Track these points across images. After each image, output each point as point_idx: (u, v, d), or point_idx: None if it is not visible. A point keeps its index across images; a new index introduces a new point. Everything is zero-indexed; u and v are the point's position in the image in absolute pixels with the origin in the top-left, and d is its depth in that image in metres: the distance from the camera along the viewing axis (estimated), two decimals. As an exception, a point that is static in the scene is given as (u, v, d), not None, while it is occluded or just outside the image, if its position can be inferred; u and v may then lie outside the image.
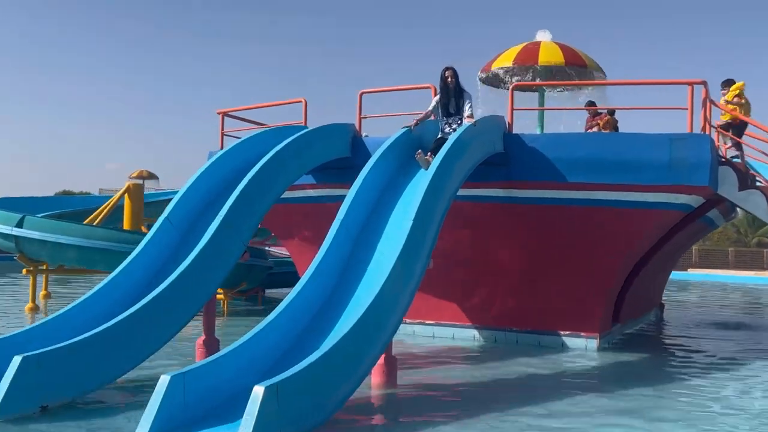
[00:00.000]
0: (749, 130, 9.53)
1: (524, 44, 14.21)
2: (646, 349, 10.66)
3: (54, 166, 79.51)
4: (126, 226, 14.30)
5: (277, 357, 6.21)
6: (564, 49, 13.77)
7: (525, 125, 11.03)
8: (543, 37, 14.43)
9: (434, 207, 7.36)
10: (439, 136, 8.78)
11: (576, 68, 13.65)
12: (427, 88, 9.86)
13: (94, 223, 13.74)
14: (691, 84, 8.98)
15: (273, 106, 11.43)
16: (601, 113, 11.38)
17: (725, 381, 8.23)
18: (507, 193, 9.43)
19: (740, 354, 10.18)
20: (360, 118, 10.22)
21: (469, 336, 10.59)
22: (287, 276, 14.06)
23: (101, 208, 14.44)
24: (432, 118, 9.06)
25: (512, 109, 9.50)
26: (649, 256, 11.20)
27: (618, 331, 11.24)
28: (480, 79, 14.34)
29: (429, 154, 8.21)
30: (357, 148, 9.86)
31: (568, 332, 10.09)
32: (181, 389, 5.28)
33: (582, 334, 10.00)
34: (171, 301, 7.07)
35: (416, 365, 8.62)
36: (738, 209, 13.76)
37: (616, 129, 10.91)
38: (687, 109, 8.95)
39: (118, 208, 15.01)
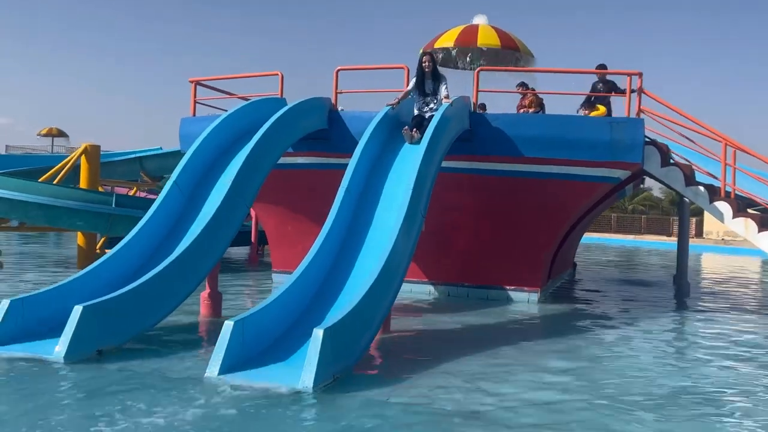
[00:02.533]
0: (677, 118, 10.76)
1: (463, 26, 15.05)
2: (570, 300, 12.06)
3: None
4: (82, 185, 14.20)
5: (305, 307, 6.83)
6: (499, 33, 14.68)
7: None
8: (480, 20, 15.29)
9: (427, 176, 8.07)
10: (416, 113, 9.44)
11: (509, 51, 14.66)
12: (401, 68, 10.49)
13: (54, 182, 13.61)
14: (629, 74, 10.09)
15: (247, 77, 11.72)
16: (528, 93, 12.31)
17: (622, 322, 9.61)
18: (470, 165, 10.21)
19: (630, 303, 11.81)
20: (336, 93, 10.73)
21: (425, 291, 11.42)
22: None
23: (58, 167, 14.22)
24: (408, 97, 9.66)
25: (477, 91, 10.31)
26: (577, 223, 12.46)
27: (550, 285, 12.46)
28: (420, 55, 15.09)
29: (414, 129, 8.93)
30: (333, 121, 10.44)
31: (513, 287, 11.07)
32: (240, 333, 5.83)
33: (525, 288, 11.04)
34: (191, 259, 7.46)
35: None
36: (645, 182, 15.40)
37: (542, 107, 11.90)
38: (625, 96, 10.08)
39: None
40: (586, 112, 10.74)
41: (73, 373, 5.70)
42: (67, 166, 14.13)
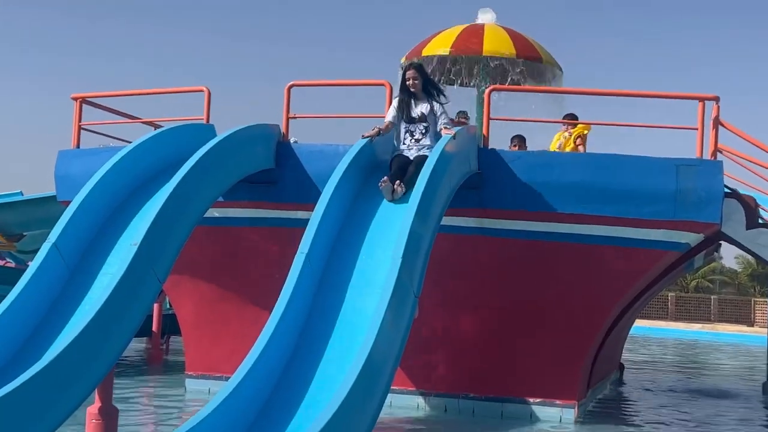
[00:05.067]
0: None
1: (464, 26, 15.22)
2: (619, 418, 12.12)
3: None
4: None
5: (247, 429, 6.83)
6: (514, 36, 14.89)
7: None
8: (486, 17, 15.49)
9: (421, 239, 8.18)
10: (397, 152, 9.36)
11: (530, 62, 14.92)
12: (380, 84, 10.70)
13: None
14: (702, 99, 10.39)
15: (158, 93, 11.84)
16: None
17: None
18: (478, 224, 10.38)
19: (707, 425, 11.96)
20: (287, 118, 10.86)
21: (411, 404, 11.39)
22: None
23: None
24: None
25: (488, 118, 10.53)
26: (628, 307, 12.62)
27: (591, 397, 12.51)
28: (402, 67, 15.28)
29: (396, 182, 8.70)
30: (283, 158, 10.56)
31: (539, 400, 11.05)
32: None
33: (557, 402, 11.02)
34: (75, 361, 7.33)
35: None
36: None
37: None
38: (697, 129, 10.37)
39: None
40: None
41: None
42: None
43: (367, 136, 9.34)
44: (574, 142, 11.79)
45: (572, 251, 10.38)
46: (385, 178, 8.71)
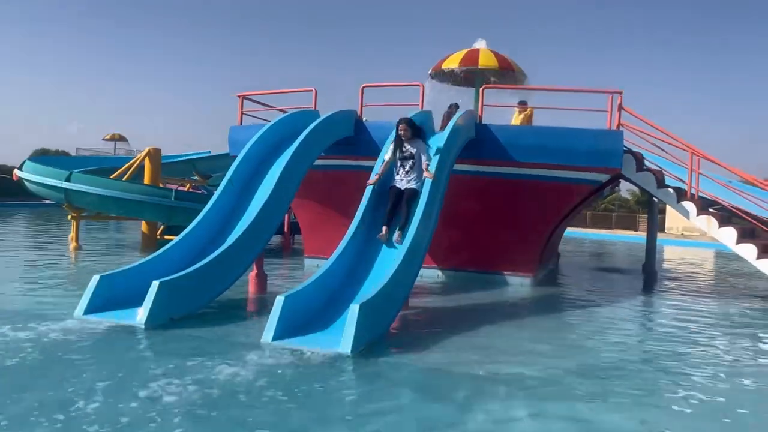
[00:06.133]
0: (651, 130, 10.81)
1: (466, 50, 15.00)
2: (557, 283, 12.12)
3: (13, 127, 75.27)
4: (146, 182, 14.35)
5: (340, 286, 6.94)
6: (497, 55, 14.61)
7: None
8: (480, 44, 15.22)
9: (441, 178, 8.17)
10: (392, 183, 8.11)
11: (506, 71, 14.66)
12: (417, 85, 10.58)
13: (123, 179, 13.78)
14: (611, 93, 10.14)
15: (285, 93, 11.80)
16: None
17: (601, 302, 9.59)
18: (475, 168, 10.33)
19: (606, 286, 11.86)
20: (361, 106, 10.81)
21: (434, 275, 11.50)
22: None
23: (126, 166, 14.38)
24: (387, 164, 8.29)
25: (482, 105, 10.37)
26: (563, 218, 12.49)
27: (541, 271, 12.52)
28: (430, 75, 15.15)
29: (384, 228, 7.61)
30: (359, 130, 10.54)
31: (510, 272, 11.15)
32: (289, 306, 5.98)
33: (520, 273, 11.11)
34: (243, 245, 7.56)
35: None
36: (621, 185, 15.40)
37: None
38: (608, 111, 10.13)
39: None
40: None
41: (151, 337, 5.86)
42: (134, 166, 14.29)
43: (370, 183, 8.09)
44: (527, 120, 11.70)
45: (531, 185, 10.29)
46: (383, 231, 7.58)
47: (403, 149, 8.15)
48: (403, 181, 8.07)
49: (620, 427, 4.11)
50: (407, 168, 8.07)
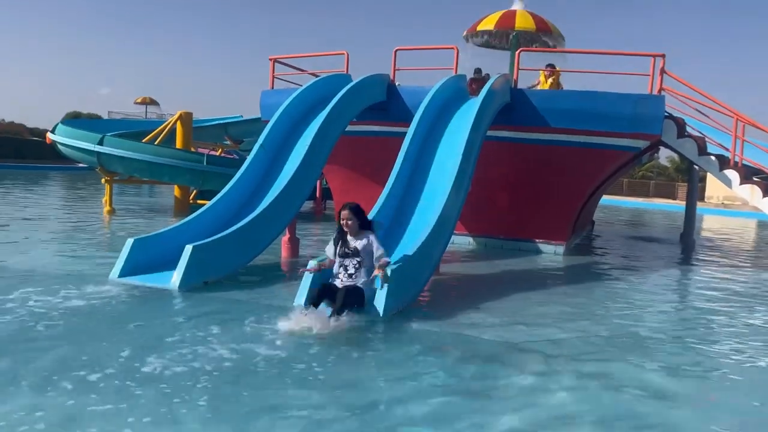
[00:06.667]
0: (694, 95, 10.49)
1: (503, 11, 14.68)
2: (590, 252, 11.99)
3: (46, 90, 76.64)
4: (178, 146, 14.53)
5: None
6: (534, 17, 14.31)
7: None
8: (518, 5, 14.87)
9: (474, 144, 8.08)
10: (330, 281, 5.89)
11: (544, 33, 14.31)
12: (451, 48, 10.40)
13: (155, 143, 13.97)
14: (653, 56, 9.82)
15: (317, 56, 11.75)
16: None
17: (637, 272, 9.48)
18: (509, 134, 10.17)
19: (642, 255, 11.67)
20: (394, 70, 10.69)
21: (465, 242, 11.49)
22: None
23: (158, 130, 14.56)
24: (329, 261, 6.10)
25: (518, 69, 10.17)
26: (599, 186, 12.30)
27: (573, 239, 12.40)
28: (465, 38, 14.90)
29: (309, 305, 5.56)
30: (392, 94, 10.44)
31: (542, 240, 11.07)
32: (318, 276, 6.04)
33: (552, 242, 11.03)
34: (276, 210, 7.67)
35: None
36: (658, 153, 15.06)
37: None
38: (649, 75, 9.83)
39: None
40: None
41: (184, 300, 6.00)
42: (166, 130, 14.46)
43: (308, 270, 5.98)
44: (555, 84, 11.40)
45: (567, 151, 10.11)
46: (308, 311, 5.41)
47: (347, 246, 5.92)
48: (341, 281, 5.85)
49: (662, 390, 4.10)
50: (351, 269, 5.84)
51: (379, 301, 5.59)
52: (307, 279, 5.91)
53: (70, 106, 76.10)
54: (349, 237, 5.96)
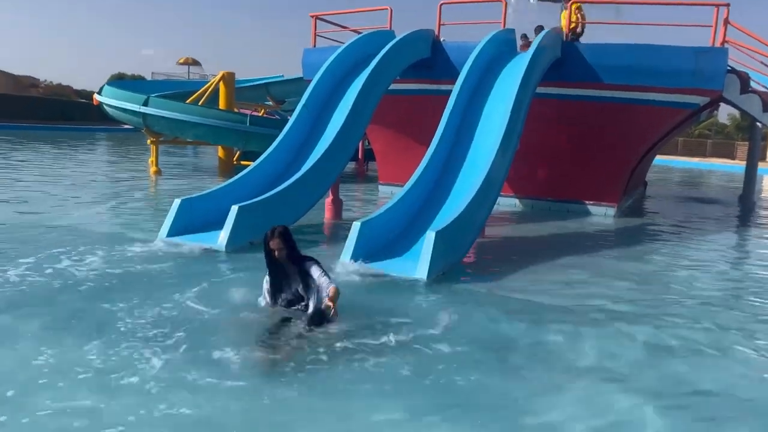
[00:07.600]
0: (761, 47, 9.96)
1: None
2: (642, 214, 11.69)
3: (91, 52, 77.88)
4: (221, 107, 14.66)
5: (416, 213, 6.98)
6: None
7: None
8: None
9: (523, 100, 7.88)
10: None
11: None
12: (499, 1, 10.10)
13: (198, 105, 14.12)
14: (717, 5, 9.32)
15: (359, 12, 11.57)
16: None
17: (692, 235, 9.20)
18: (559, 91, 9.87)
19: (697, 218, 11.29)
20: (439, 25, 10.48)
21: (511, 203, 11.36)
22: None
23: (201, 91, 14.70)
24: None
25: (569, 22, 9.84)
26: (653, 145, 11.91)
27: (625, 201, 12.10)
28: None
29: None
30: (436, 51, 10.25)
31: (592, 202, 10.84)
32: (366, 231, 6.08)
33: (603, 203, 10.78)
34: (320, 171, 7.69)
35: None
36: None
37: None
38: (711, 26, 9.35)
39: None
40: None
41: (231, 260, 6.12)
42: (209, 91, 14.58)
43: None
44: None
45: (620, 108, 9.79)
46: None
47: (284, 275, 4.53)
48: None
49: (715, 353, 4.02)
50: (290, 298, 4.53)
51: (423, 263, 5.60)
52: (354, 232, 5.95)
53: (114, 68, 77.48)
54: (281, 264, 4.49)
